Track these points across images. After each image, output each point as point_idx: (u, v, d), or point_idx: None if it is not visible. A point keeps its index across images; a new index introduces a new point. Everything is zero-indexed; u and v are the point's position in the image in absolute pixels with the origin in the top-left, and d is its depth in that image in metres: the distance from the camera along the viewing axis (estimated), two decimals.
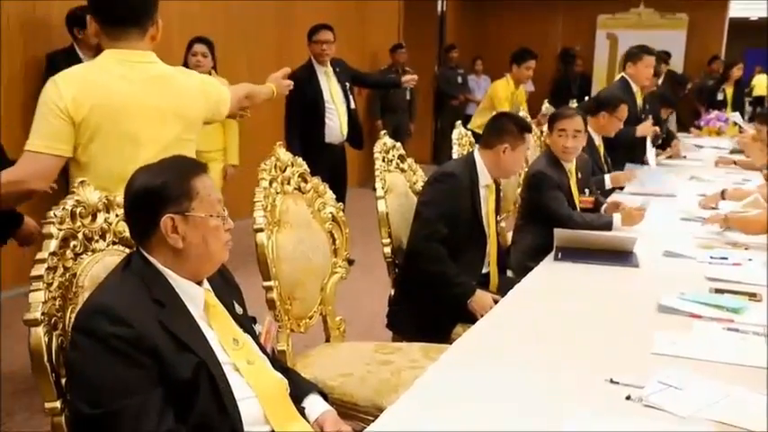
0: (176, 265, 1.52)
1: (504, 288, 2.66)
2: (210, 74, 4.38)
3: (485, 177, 2.85)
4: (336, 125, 4.99)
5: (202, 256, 1.54)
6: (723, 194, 3.60)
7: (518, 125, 2.87)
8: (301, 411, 1.66)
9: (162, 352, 1.40)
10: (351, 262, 2.63)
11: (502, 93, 6.10)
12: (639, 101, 4.98)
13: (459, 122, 3.78)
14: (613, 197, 3.86)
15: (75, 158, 2.11)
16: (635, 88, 4.90)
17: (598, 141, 4.36)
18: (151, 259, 1.52)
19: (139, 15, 2.14)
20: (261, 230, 2.18)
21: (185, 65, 4.28)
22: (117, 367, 1.36)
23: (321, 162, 4.07)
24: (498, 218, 3.06)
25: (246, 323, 1.68)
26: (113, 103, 2.10)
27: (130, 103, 2.12)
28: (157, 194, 1.49)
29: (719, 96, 9.01)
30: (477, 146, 2.98)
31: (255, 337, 1.70)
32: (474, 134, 3.96)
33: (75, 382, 1.43)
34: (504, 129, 2.85)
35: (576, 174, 3.50)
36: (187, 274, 1.54)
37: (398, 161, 3.06)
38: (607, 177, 4.22)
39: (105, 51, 2.17)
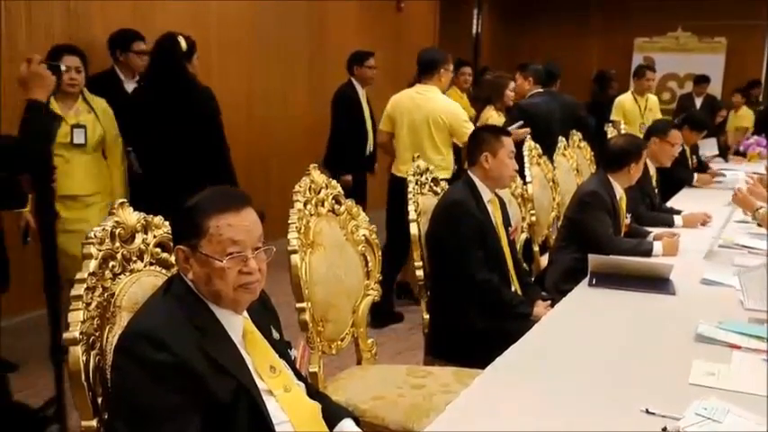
0: (201, 293, 1.53)
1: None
2: (83, 93, 3.53)
3: (486, 193, 2.89)
4: (367, 142, 5.40)
5: (211, 293, 1.52)
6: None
7: (492, 132, 2.96)
8: None
9: (202, 377, 1.42)
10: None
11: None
12: None
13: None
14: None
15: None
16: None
17: (652, 171, 4.27)
18: (191, 284, 1.53)
19: (429, 69, 4.29)
20: (295, 252, 2.19)
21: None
22: (157, 392, 1.38)
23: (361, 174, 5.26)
24: (510, 230, 3.06)
25: (282, 348, 1.69)
26: (401, 108, 4.33)
27: (405, 110, 4.30)
28: (174, 226, 1.57)
29: None
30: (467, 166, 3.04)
31: (291, 363, 1.70)
32: None
33: (116, 403, 1.45)
34: (479, 140, 2.92)
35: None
36: (213, 303, 1.54)
37: (432, 184, 3.06)
38: (678, 219, 3.85)
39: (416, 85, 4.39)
